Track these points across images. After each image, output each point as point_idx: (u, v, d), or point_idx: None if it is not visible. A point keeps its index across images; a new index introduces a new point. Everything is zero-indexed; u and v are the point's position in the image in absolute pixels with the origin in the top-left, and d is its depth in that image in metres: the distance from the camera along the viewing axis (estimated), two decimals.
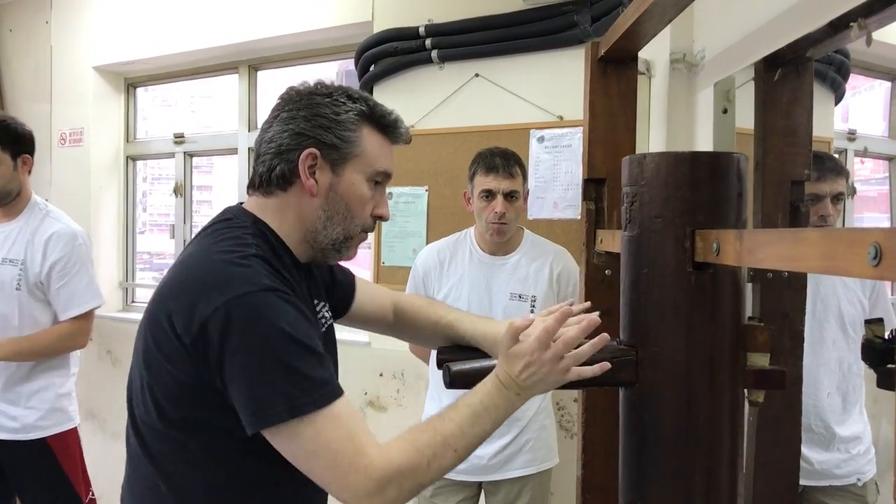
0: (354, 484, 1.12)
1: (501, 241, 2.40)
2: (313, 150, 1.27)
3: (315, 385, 1.13)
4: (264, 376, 1.12)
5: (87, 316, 2.64)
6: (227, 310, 1.12)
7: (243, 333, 1.11)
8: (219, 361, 1.13)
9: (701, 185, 0.95)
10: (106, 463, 4.27)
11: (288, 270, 1.27)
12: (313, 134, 1.28)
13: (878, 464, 2.29)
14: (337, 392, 1.15)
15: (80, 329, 2.62)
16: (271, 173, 1.30)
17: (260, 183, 1.32)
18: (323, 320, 1.42)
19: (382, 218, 1.37)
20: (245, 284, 1.15)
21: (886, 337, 0.95)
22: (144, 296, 4.48)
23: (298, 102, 1.31)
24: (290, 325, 1.14)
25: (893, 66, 3.42)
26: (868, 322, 0.98)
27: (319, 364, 1.15)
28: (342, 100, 1.30)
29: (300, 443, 1.12)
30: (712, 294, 0.94)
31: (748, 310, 1.00)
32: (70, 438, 2.67)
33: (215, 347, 1.12)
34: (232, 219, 1.30)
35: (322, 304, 1.44)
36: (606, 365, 1.03)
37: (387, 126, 1.34)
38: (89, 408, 4.28)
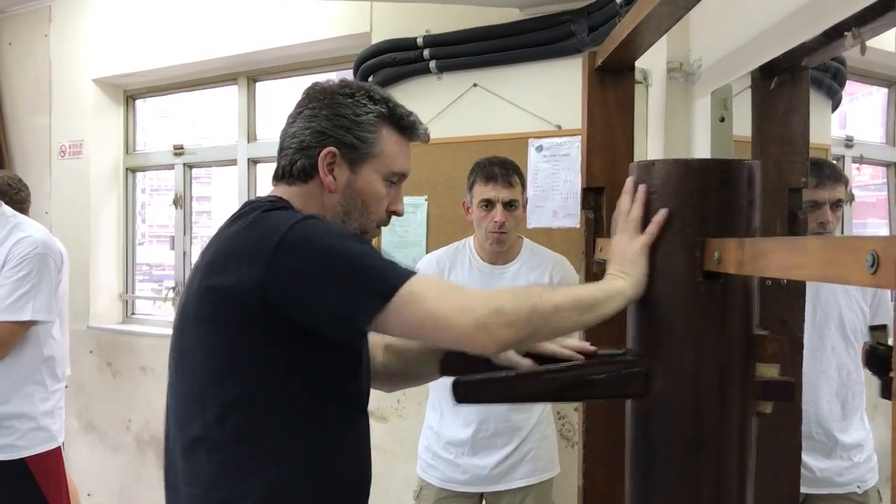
0: (475, 307, 1.12)
1: (501, 250, 2.40)
2: (332, 148, 1.33)
3: (394, 266, 1.19)
4: (346, 278, 1.17)
5: (14, 327, 2.40)
6: (286, 238, 1.18)
7: (308, 251, 1.18)
8: (294, 287, 1.18)
9: (711, 193, 0.93)
10: (105, 475, 4.26)
11: None
12: (333, 133, 1.34)
13: (881, 471, 2.28)
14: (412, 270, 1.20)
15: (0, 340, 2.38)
16: (292, 167, 1.36)
17: (283, 175, 1.39)
18: None
19: (397, 213, 1.43)
20: (291, 218, 1.22)
21: (890, 344, 0.95)
22: (144, 308, 4.47)
23: (322, 101, 1.36)
24: (343, 232, 1.24)
25: (890, 72, 3.43)
26: (873, 328, 0.97)
27: (384, 256, 1.22)
28: (363, 101, 1.36)
29: (411, 308, 1.14)
30: (723, 304, 0.93)
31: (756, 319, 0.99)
32: (52, 459, 2.51)
33: (289, 276, 1.18)
34: (262, 202, 1.34)
35: None
36: (664, 211, 1.01)
37: (405, 127, 1.40)
38: (89, 420, 4.27)
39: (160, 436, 1.56)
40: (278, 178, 1.40)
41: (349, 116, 1.34)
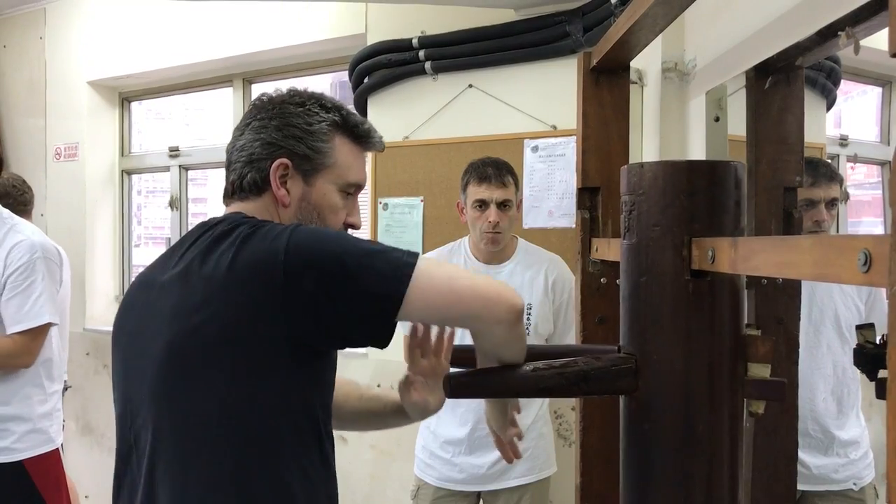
0: (497, 284, 1.16)
1: (495, 249, 2.41)
2: (285, 160, 1.27)
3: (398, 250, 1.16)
4: (366, 263, 1.12)
5: (35, 333, 2.45)
6: (292, 243, 1.12)
7: (320, 251, 1.13)
8: (321, 299, 1.11)
9: (698, 193, 0.95)
10: (103, 477, 4.25)
11: None
12: (285, 144, 1.28)
13: (877, 467, 2.29)
14: None
15: (24, 348, 2.43)
16: (242, 181, 1.30)
17: (233, 191, 1.32)
18: None
19: (354, 227, 1.37)
20: (285, 230, 1.16)
21: (878, 342, 0.96)
22: None
23: (271, 111, 1.31)
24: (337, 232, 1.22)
25: (884, 71, 3.44)
26: (859, 327, 0.98)
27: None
28: (315, 109, 1.30)
29: (439, 278, 1.13)
30: (710, 301, 0.94)
31: (745, 316, 1.00)
32: (50, 461, 2.52)
33: (309, 286, 1.11)
34: (235, 220, 1.25)
35: None
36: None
37: (360, 136, 1.35)
38: (86, 422, 4.27)
39: None
40: (229, 195, 1.33)
41: (301, 126, 1.28)
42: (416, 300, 1.11)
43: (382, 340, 1.15)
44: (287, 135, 1.28)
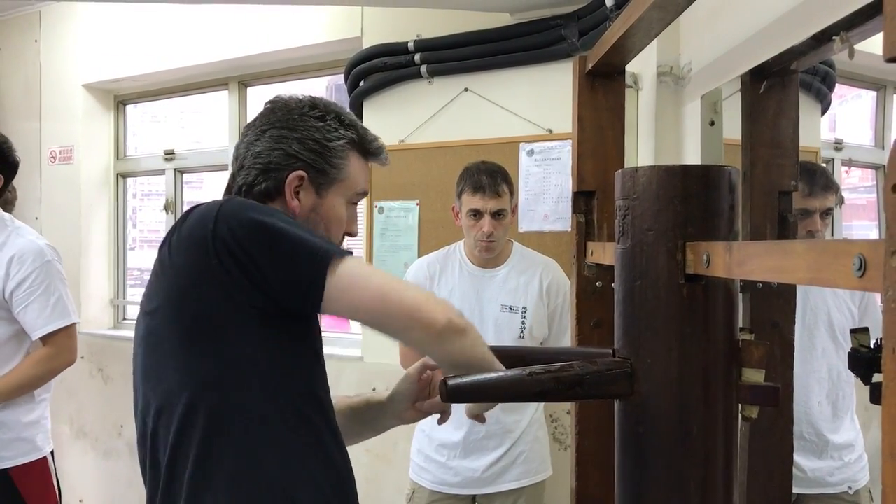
0: (428, 298, 1.22)
1: (490, 256, 2.41)
2: (301, 172, 1.31)
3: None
4: (295, 237, 1.16)
5: (67, 332, 2.47)
6: (222, 212, 1.18)
7: (248, 220, 1.17)
8: (246, 260, 1.15)
9: (692, 197, 0.95)
10: (97, 481, 4.25)
11: None
12: (304, 157, 1.31)
13: (872, 471, 2.29)
14: None
15: (62, 346, 2.45)
16: (253, 188, 1.33)
17: (238, 193, 1.36)
18: None
19: (352, 234, 1.42)
20: (219, 200, 1.24)
21: (872, 346, 0.96)
22: (135, 313, 4.44)
23: (290, 121, 1.33)
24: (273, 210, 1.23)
25: (879, 75, 3.45)
26: (854, 331, 0.98)
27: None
28: (334, 125, 1.34)
29: (360, 276, 1.17)
30: (704, 305, 0.95)
31: (739, 320, 1.01)
32: (36, 470, 2.48)
33: (237, 252, 1.15)
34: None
35: None
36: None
37: (372, 152, 1.40)
38: (80, 426, 4.26)
39: None
40: (231, 194, 1.37)
41: (320, 141, 1.32)
42: (339, 294, 1.15)
43: (310, 306, 1.17)
44: (307, 148, 1.32)
